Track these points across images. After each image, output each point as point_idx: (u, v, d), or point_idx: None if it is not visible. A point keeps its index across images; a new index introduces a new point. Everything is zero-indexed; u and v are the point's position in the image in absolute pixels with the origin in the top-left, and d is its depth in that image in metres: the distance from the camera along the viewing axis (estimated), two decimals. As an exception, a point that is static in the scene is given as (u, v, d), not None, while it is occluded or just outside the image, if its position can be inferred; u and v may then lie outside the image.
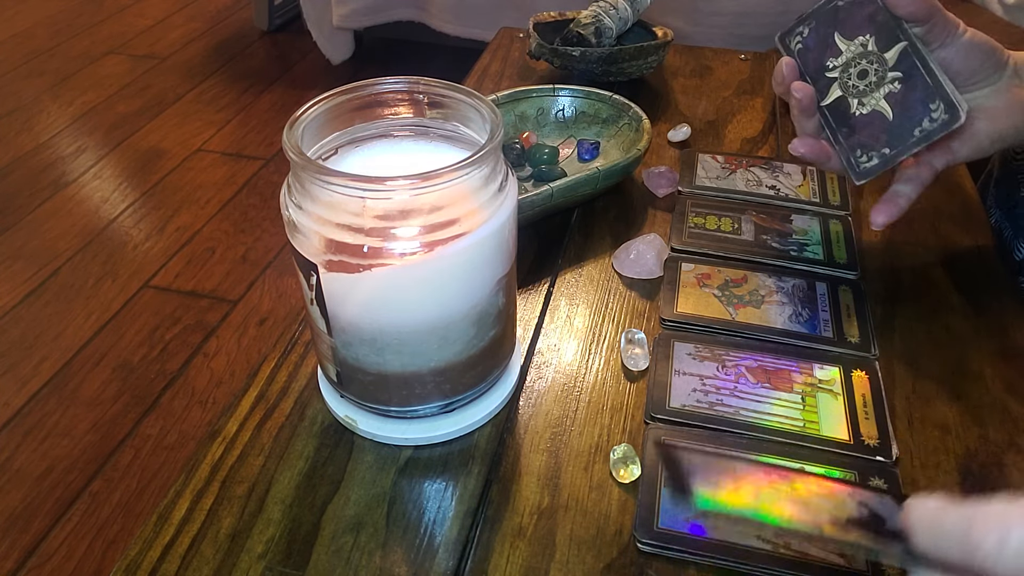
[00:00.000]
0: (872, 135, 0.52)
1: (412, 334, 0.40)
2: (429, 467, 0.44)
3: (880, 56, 0.50)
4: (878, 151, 0.52)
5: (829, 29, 0.52)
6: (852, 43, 0.51)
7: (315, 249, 0.38)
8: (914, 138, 0.50)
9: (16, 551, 1.08)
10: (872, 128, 0.51)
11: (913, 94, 0.50)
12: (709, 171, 0.68)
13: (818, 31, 0.52)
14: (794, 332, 0.51)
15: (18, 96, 2.21)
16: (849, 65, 0.51)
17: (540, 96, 0.71)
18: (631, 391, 0.48)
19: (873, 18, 0.50)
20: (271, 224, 1.72)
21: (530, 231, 0.61)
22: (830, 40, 0.52)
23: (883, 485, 0.39)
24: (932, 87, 0.49)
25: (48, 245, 1.65)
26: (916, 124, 0.50)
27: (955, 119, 0.49)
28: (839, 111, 0.52)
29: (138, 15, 2.71)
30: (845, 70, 0.51)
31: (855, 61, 0.51)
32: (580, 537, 0.40)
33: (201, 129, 2.06)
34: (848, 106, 0.52)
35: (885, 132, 0.52)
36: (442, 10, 1.98)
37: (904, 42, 0.49)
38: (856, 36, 0.51)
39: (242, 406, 0.47)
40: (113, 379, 1.33)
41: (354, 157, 0.43)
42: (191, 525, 0.41)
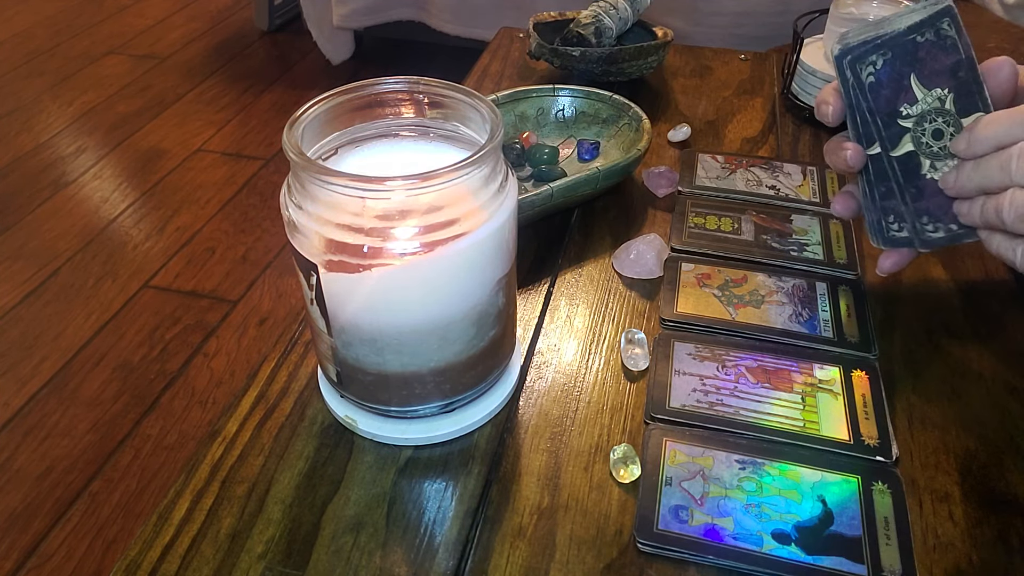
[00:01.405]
0: (939, 205, 0.46)
1: (412, 334, 0.40)
2: (429, 467, 0.44)
3: (957, 120, 0.43)
4: (945, 224, 0.46)
5: (907, 68, 0.44)
6: (930, 93, 0.44)
7: (315, 249, 0.38)
8: None
9: (16, 551, 1.08)
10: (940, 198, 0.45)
11: None
12: (709, 171, 0.68)
13: (894, 65, 0.44)
14: (794, 332, 0.51)
15: (18, 96, 2.21)
16: (923, 119, 0.44)
17: (540, 96, 0.71)
18: (631, 391, 0.48)
19: (955, 72, 0.43)
20: (271, 224, 1.72)
21: (530, 231, 0.61)
22: (906, 82, 0.44)
23: None
24: None
25: (48, 245, 1.65)
26: None
27: None
28: (908, 167, 0.45)
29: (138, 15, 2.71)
30: (919, 123, 0.44)
31: (930, 116, 0.44)
32: (580, 537, 0.40)
33: (201, 129, 2.06)
34: (919, 165, 0.45)
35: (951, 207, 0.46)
36: (442, 10, 1.98)
37: (983, 113, 0.43)
38: (935, 86, 0.44)
39: (242, 406, 0.47)
40: (113, 379, 1.33)
41: (354, 157, 0.43)
42: (191, 525, 0.41)
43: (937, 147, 0.44)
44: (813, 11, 0.83)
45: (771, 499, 0.41)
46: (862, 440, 0.44)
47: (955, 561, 0.39)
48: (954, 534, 0.40)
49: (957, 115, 0.43)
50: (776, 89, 0.83)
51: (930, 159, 0.44)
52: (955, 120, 0.44)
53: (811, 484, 0.42)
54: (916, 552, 0.39)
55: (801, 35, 0.78)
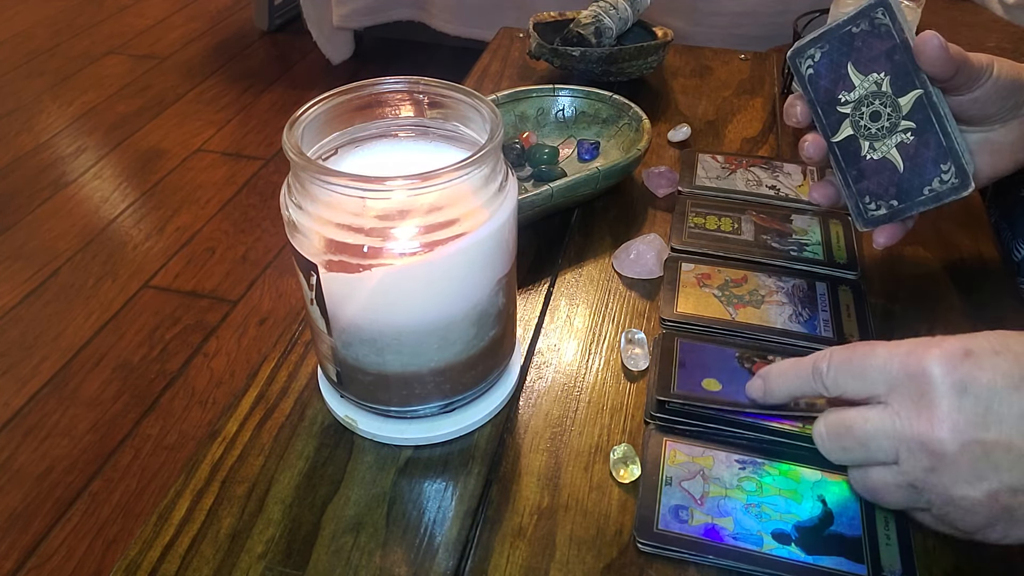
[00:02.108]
0: (881, 184, 0.48)
1: (412, 334, 0.40)
2: (429, 467, 0.44)
3: (895, 100, 0.46)
4: (886, 201, 0.49)
5: (843, 58, 0.47)
6: (866, 79, 0.46)
7: (315, 249, 0.38)
8: (923, 196, 0.48)
9: (16, 551, 1.08)
10: (881, 177, 0.48)
11: (925, 150, 0.47)
12: (709, 171, 0.68)
13: (831, 57, 0.48)
14: (794, 332, 0.51)
15: (18, 96, 2.21)
16: (862, 103, 0.47)
17: (540, 96, 0.71)
18: (631, 391, 0.48)
19: (891, 56, 0.45)
20: (271, 224, 1.72)
21: (530, 231, 0.61)
22: (843, 70, 0.47)
23: None
24: (945, 147, 0.46)
25: (48, 245, 1.65)
26: (926, 183, 0.47)
27: (965, 187, 0.46)
28: (849, 151, 0.48)
29: (138, 15, 2.71)
30: (857, 108, 0.47)
31: (868, 100, 0.47)
32: (580, 537, 0.40)
33: (201, 129, 2.06)
34: (859, 148, 0.48)
35: (894, 184, 0.48)
36: (442, 10, 1.98)
37: (920, 91, 0.45)
38: (871, 72, 0.46)
39: (242, 406, 0.47)
40: (113, 379, 1.33)
41: (354, 157, 0.43)
42: (191, 525, 0.41)
43: (875, 128, 0.47)
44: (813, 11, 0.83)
45: (771, 499, 0.41)
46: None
47: (955, 561, 0.39)
48: (954, 534, 0.40)
49: (894, 95, 0.46)
50: (776, 89, 0.83)
51: (869, 140, 0.47)
52: (892, 100, 0.46)
53: (811, 484, 0.42)
54: (916, 552, 0.39)
55: (801, 35, 0.78)
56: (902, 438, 0.33)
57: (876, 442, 0.34)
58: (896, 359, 0.33)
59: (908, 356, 0.33)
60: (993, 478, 0.31)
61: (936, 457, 0.32)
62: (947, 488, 0.32)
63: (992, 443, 0.31)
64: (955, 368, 0.32)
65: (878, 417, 0.34)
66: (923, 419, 0.32)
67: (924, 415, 0.32)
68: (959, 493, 0.32)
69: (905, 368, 0.33)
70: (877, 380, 0.34)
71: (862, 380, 0.35)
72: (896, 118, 0.46)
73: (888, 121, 0.46)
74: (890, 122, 0.46)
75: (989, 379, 0.31)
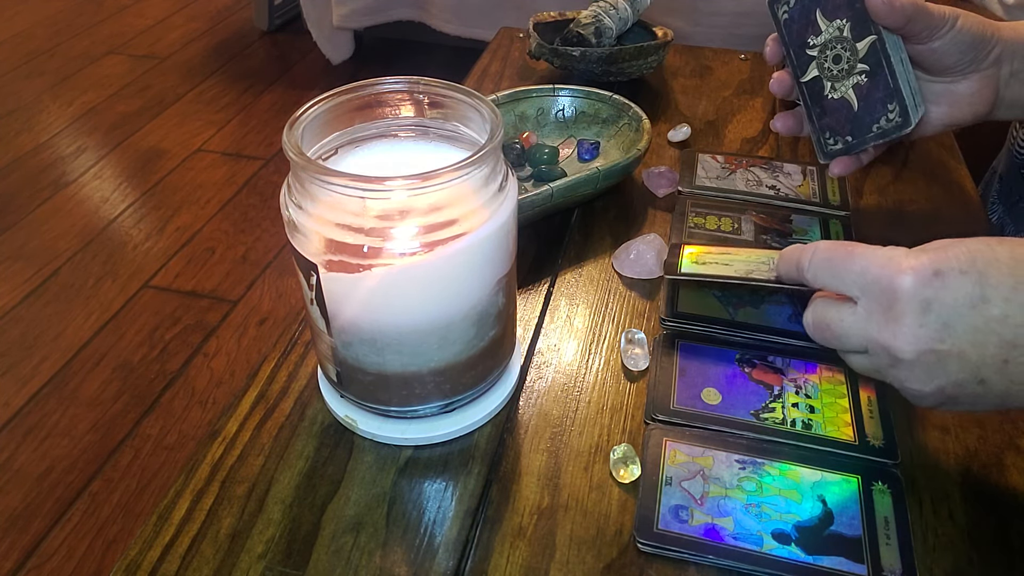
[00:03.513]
0: (838, 121, 0.53)
1: (412, 334, 0.40)
2: (429, 467, 0.44)
3: (853, 45, 0.50)
4: (842, 137, 0.54)
5: (813, 4, 0.52)
6: (831, 25, 0.51)
7: (315, 249, 0.38)
8: (872, 133, 0.52)
9: (16, 551, 1.08)
10: (839, 114, 0.53)
11: (876, 91, 0.51)
12: (709, 171, 0.68)
13: (803, 3, 0.52)
14: (794, 332, 0.51)
15: (18, 96, 2.21)
16: (826, 47, 0.51)
17: (540, 96, 0.71)
18: (631, 391, 0.48)
19: (852, 3, 0.50)
20: (271, 224, 1.72)
21: (530, 231, 0.61)
22: (812, 16, 0.52)
23: None
24: (892, 88, 0.50)
25: (48, 245, 1.65)
26: (875, 120, 0.52)
27: (906, 125, 0.50)
28: (814, 90, 0.53)
29: (138, 15, 2.71)
30: (823, 51, 0.52)
31: (831, 44, 0.51)
32: (580, 537, 0.40)
33: (201, 129, 2.06)
34: (823, 87, 0.53)
35: (849, 121, 0.53)
36: (442, 10, 1.98)
37: (874, 36, 0.49)
38: (835, 18, 0.51)
39: (242, 406, 0.47)
40: (113, 379, 1.33)
41: (354, 157, 0.43)
42: (191, 525, 0.41)
43: (836, 70, 0.51)
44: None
45: (771, 499, 0.41)
46: (867, 441, 0.44)
47: (955, 561, 0.39)
48: (954, 534, 0.40)
49: (853, 40, 0.50)
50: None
51: (831, 81, 0.52)
52: (851, 45, 0.50)
53: (811, 484, 0.42)
54: (916, 552, 0.39)
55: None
56: (870, 339, 0.37)
57: (848, 338, 0.39)
58: (872, 269, 0.37)
59: (882, 268, 0.37)
60: (942, 378, 0.36)
61: (896, 359, 0.37)
62: (903, 381, 0.37)
63: (945, 353, 0.35)
64: (924, 287, 0.35)
65: (851, 319, 0.38)
66: (888, 328, 0.36)
67: (890, 325, 0.36)
68: (913, 386, 0.37)
69: (878, 280, 0.37)
70: (852, 284, 0.38)
71: (840, 280, 0.39)
72: (854, 61, 0.51)
73: (847, 64, 0.51)
74: (848, 64, 0.51)
75: (952, 298, 0.35)
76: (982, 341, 0.35)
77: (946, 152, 0.70)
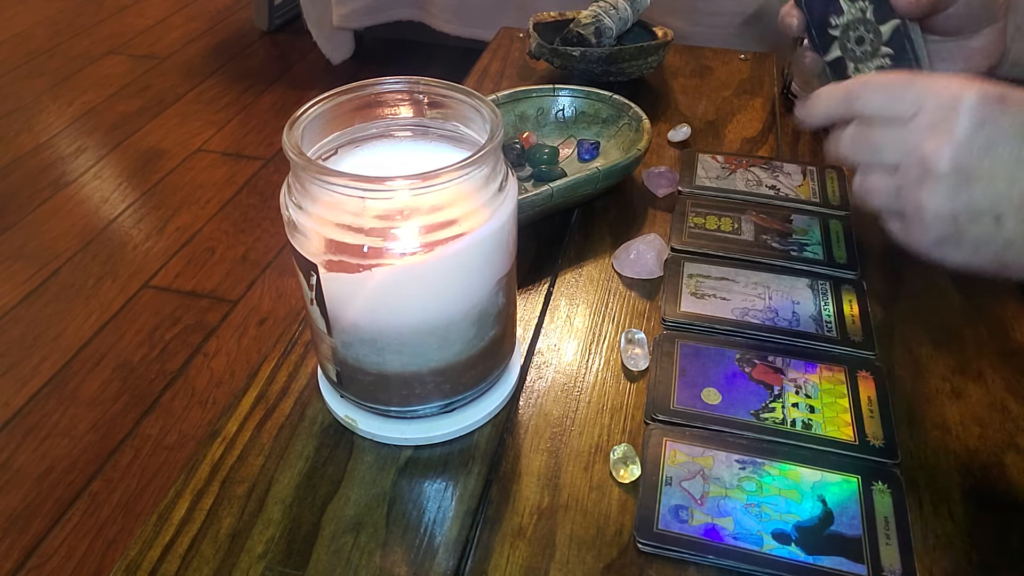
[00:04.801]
0: None
1: (412, 334, 0.40)
2: (429, 467, 0.44)
3: (876, 27, 0.50)
4: None
5: None
6: (853, 5, 0.51)
7: (315, 249, 0.38)
8: None
9: (16, 551, 1.08)
10: None
11: None
12: (709, 171, 0.68)
13: None
14: (795, 332, 0.51)
15: (18, 96, 2.21)
16: (849, 28, 0.51)
17: (540, 96, 0.71)
18: (631, 391, 0.48)
19: None
20: (271, 224, 1.72)
21: (530, 231, 0.61)
22: None
23: None
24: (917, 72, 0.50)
25: (48, 245, 1.65)
26: None
27: None
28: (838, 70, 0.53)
29: (138, 15, 2.71)
30: (845, 32, 0.51)
31: (855, 25, 0.51)
32: (580, 537, 0.40)
33: (201, 129, 2.06)
34: (846, 68, 0.53)
35: None
36: (442, 10, 1.98)
37: (898, 20, 0.49)
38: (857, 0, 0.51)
39: (242, 406, 0.47)
40: (113, 379, 1.33)
41: (354, 157, 0.43)
42: (191, 525, 0.41)
43: (859, 52, 0.51)
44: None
45: (771, 499, 0.41)
46: (867, 441, 0.44)
47: (955, 561, 0.39)
48: (954, 534, 0.40)
49: (876, 23, 0.49)
50: (776, 89, 0.83)
51: (854, 62, 0.51)
52: (874, 27, 0.49)
53: (811, 484, 0.42)
54: (916, 552, 0.39)
55: (801, 35, 0.78)
56: (909, 149, 0.37)
57: (887, 148, 0.39)
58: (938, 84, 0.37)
59: (950, 83, 0.37)
60: (964, 201, 0.36)
61: (928, 172, 0.36)
62: (923, 200, 0.37)
63: (979, 174, 0.35)
64: (986, 105, 0.36)
65: (900, 129, 0.38)
66: (936, 136, 0.36)
67: (939, 134, 0.36)
68: (932, 204, 0.37)
69: (944, 91, 0.37)
70: (912, 101, 0.38)
71: (899, 100, 0.38)
72: (877, 44, 0.50)
73: (870, 46, 0.50)
74: (872, 47, 0.50)
75: (1008, 124, 0.35)
76: (1016, 176, 0.35)
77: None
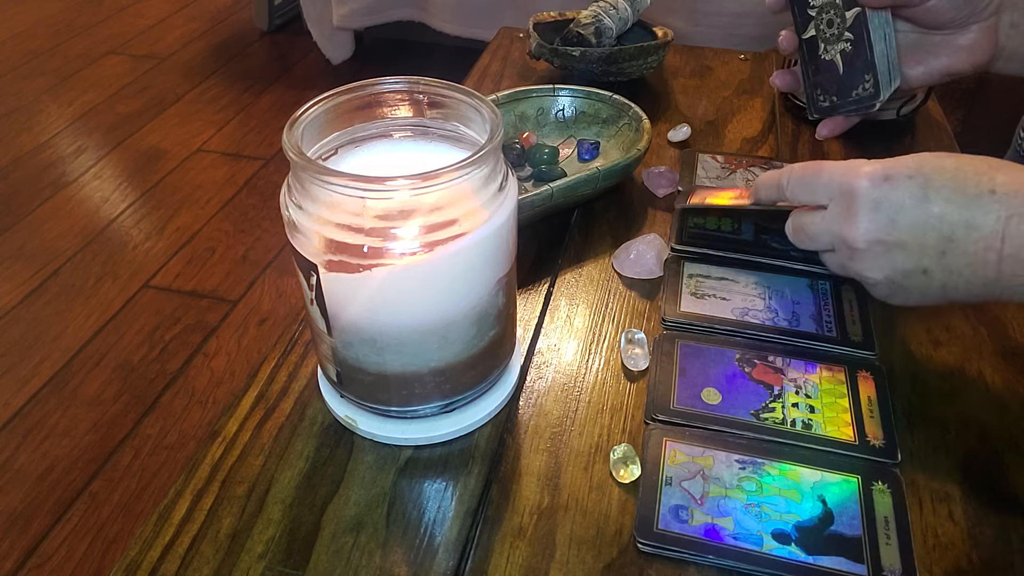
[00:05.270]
0: (828, 80, 0.56)
1: (412, 334, 0.40)
2: (429, 467, 0.44)
3: (843, 12, 0.53)
4: (829, 96, 0.57)
5: None
6: None
7: (315, 249, 0.38)
8: (851, 99, 0.56)
9: (16, 551, 1.08)
10: (829, 74, 0.55)
11: (857, 60, 0.54)
12: (709, 171, 0.68)
13: None
14: (795, 332, 0.51)
15: (18, 96, 2.21)
16: (823, 10, 0.54)
17: (540, 96, 0.71)
18: (631, 391, 0.48)
19: None
20: (271, 224, 1.72)
21: (530, 231, 0.61)
22: None
23: None
24: (869, 60, 0.53)
25: (48, 245, 1.65)
26: (854, 87, 0.55)
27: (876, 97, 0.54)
28: (811, 48, 0.56)
29: (138, 15, 2.71)
30: (820, 13, 0.54)
31: (827, 8, 0.54)
32: (580, 537, 0.40)
33: (201, 129, 2.06)
34: (818, 47, 0.56)
35: (836, 83, 0.56)
36: (442, 10, 1.98)
37: (859, 9, 0.51)
38: None
39: (242, 406, 0.47)
40: (113, 379, 1.33)
41: (354, 157, 0.43)
42: (191, 525, 0.41)
43: (829, 33, 0.54)
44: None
45: (771, 499, 0.41)
46: (867, 441, 0.44)
47: (955, 561, 0.39)
48: (954, 534, 0.40)
49: (843, 8, 0.52)
50: (776, 89, 0.83)
51: (824, 43, 0.55)
52: (841, 12, 0.53)
53: (811, 484, 0.42)
54: (916, 552, 0.39)
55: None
56: (834, 235, 0.45)
57: (819, 238, 0.46)
58: (836, 179, 0.44)
59: (843, 176, 0.44)
60: (890, 267, 0.43)
61: (852, 250, 0.44)
62: (860, 271, 0.44)
63: (892, 243, 0.42)
64: (875, 188, 0.42)
65: (820, 221, 0.46)
66: (847, 223, 0.43)
67: (848, 221, 0.43)
68: (869, 275, 0.44)
69: (841, 185, 0.44)
70: (822, 193, 0.45)
71: (813, 192, 0.46)
72: (842, 28, 0.53)
73: (837, 29, 0.54)
74: (838, 30, 0.54)
75: (898, 198, 0.42)
76: (923, 234, 0.41)
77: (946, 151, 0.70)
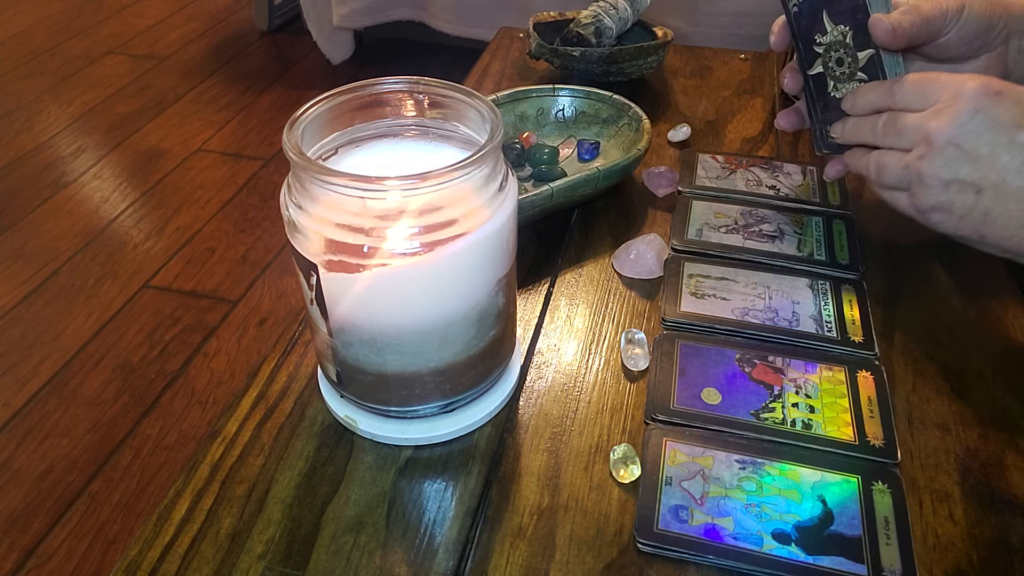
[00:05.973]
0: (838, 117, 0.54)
1: (412, 334, 0.40)
2: (429, 467, 0.44)
3: (854, 53, 0.51)
4: None
5: (821, 4, 0.53)
6: (836, 28, 0.52)
7: (315, 249, 0.38)
8: None
9: (16, 551, 1.08)
10: (840, 112, 0.54)
11: None
12: (709, 171, 0.68)
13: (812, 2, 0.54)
14: (796, 332, 0.51)
15: (18, 96, 2.21)
16: (831, 48, 0.53)
17: (540, 96, 0.71)
18: (631, 391, 0.48)
19: (854, 14, 0.51)
20: (271, 224, 1.71)
21: (530, 231, 0.61)
22: (819, 16, 0.53)
23: None
24: None
25: (48, 245, 1.65)
26: None
27: None
28: (819, 85, 0.55)
29: (138, 15, 2.71)
30: (828, 51, 0.53)
31: (835, 46, 0.53)
32: (580, 537, 0.40)
33: (201, 129, 2.06)
34: (826, 84, 0.54)
35: None
36: (442, 10, 1.98)
37: (873, 51, 0.50)
38: (840, 23, 0.52)
39: (242, 406, 0.47)
40: (113, 379, 1.33)
41: (354, 157, 0.43)
42: (191, 525, 0.41)
43: (839, 72, 0.53)
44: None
45: (771, 499, 0.41)
46: (867, 441, 0.44)
47: (955, 561, 0.39)
48: (954, 534, 0.40)
49: (855, 49, 0.51)
50: (776, 89, 0.83)
51: (834, 81, 0.54)
52: (852, 53, 0.52)
53: (811, 484, 0.42)
54: (916, 552, 0.39)
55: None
56: (920, 127, 0.45)
57: (907, 131, 0.46)
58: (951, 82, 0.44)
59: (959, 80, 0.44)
60: (951, 173, 0.44)
61: (928, 146, 0.44)
62: (923, 169, 0.44)
63: (967, 150, 0.43)
64: (982, 96, 0.43)
65: (916, 115, 0.46)
66: (939, 116, 0.44)
67: (942, 114, 0.44)
68: (930, 172, 0.44)
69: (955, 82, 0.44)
70: (933, 93, 0.45)
71: (923, 96, 0.46)
72: (854, 68, 0.52)
73: (848, 68, 0.52)
74: (849, 69, 0.52)
75: (996, 114, 0.42)
76: (997, 157, 0.42)
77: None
